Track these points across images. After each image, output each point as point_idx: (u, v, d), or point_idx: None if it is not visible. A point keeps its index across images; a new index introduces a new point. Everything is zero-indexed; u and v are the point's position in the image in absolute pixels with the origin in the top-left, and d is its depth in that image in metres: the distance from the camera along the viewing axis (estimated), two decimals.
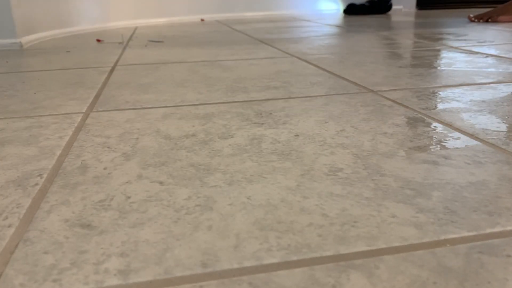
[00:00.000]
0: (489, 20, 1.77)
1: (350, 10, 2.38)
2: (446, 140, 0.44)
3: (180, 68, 0.88)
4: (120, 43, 1.35)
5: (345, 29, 1.60)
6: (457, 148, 0.42)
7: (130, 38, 1.48)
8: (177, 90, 0.69)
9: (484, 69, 0.78)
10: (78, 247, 0.27)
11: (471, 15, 1.84)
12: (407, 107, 0.56)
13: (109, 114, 0.56)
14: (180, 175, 0.37)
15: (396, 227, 0.29)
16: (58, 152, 0.43)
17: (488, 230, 0.28)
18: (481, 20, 1.79)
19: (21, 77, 0.83)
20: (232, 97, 0.63)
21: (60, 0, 1.63)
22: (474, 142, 0.43)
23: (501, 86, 0.66)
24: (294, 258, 0.26)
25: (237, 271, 0.25)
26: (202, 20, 2.21)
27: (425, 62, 0.87)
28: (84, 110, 0.58)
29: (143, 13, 2.12)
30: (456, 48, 1.05)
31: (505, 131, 0.46)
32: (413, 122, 0.50)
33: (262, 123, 0.51)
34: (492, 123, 0.49)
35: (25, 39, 1.31)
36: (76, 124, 0.52)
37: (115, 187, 0.35)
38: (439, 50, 1.02)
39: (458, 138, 0.44)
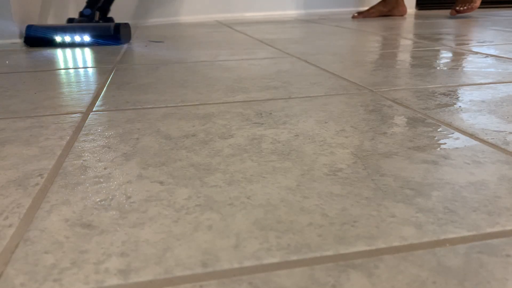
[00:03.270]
0: (467, 7, 1.90)
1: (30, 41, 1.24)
2: (445, 140, 0.44)
3: (180, 68, 0.88)
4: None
5: None
6: (457, 148, 0.42)
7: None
8: (177, 90, 0.69)
9: (483, 69, 0.78)
10: (79, 247, 0.27)
11: (453, 10, 1.95)
12: (406, 107, 0.56)
13: (110, 114, 0.56)
14: (180, 175, 0.37)
15: (395, 226, 0.29)
16: (59, 152, 0.43)
17: (488, 230, 0.28)
18: (461, 9, 1.92)
19: (21, 77, 0.83)
20: (232, 97, 0.63)
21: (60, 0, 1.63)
22: (473, 142, 0.43)
23: (500, 86, 0.66)
24: (294, 258, 0.26)
25: (237, 271, 0.25)
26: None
27: (424, 62, 0.87)
28: (84, 110, 0.58)
29: (143, 13, 2.12)
30: (456, 48, 1.05)
31: (504, 131, 0.46)
32: (413, 122, 0.50)
33: (262, 123, 0.51)
34: (491, 123, 0.49)
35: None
36: (76, 124, 0.52)
37: (116, 187, 0.36)
38: (438, 50, 1.02)
39: (457, 138, 0.44)
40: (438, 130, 0.47)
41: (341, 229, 0.29)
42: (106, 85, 0.74)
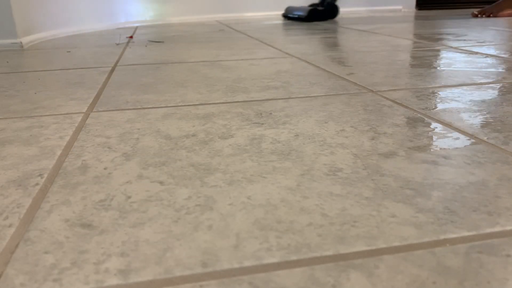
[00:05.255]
0: (491, 15, 1.91)
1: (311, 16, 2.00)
2: (445, 140, 0.44)
3: (180, 68, 0.88)
4: (117, 44, 1.35)
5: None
6: (457, 148, 0.42)
7: (131, 39, 1.47)
8: (177, 90, 0.69)
9: (483, 69, 0.78)
10: (79, 247, 0.27)
11: (475, 12, 1.97)
12: (406, 107, 0.56)
13: (110, 114, 0.56)
14: (180, 175, 0.37)
15: (395, 226, 0.29)
16: (59, 152, 0.43)
17: (488, 230, 0.28)
18: (483, 16, 1.93)
19: (21, 77, 0.83)
20: (232, 97, 0.63)
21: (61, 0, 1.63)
22: (473, 142, 0.43)
23: (500, 86, 0.66)
24: (294, 257, 0.26)
25: (237, 271, 0.25)
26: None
27: (424, 62, 0.87)
28: (84, 110, 0.58)
29: (143, 12, 2.12)
30: (456, 48, 1.05)
31: (504, 131, 0.46)
32: (413, 122, 0.50)
33: (262, 123, 0.51)
34: (491, 123, 0.49)
35: (26, 39, 1.31)
36: (76, 124, 0.52)
37: (116, 187, 0.36)
38: (438, 50, 1.02)
39: (457, 138, 0.44)
40: (438, 130, 0.47)
41: (341, 229, 0.29)
42: (107, 85, 0.74)
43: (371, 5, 2.62)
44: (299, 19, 2.03)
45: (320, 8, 2.02)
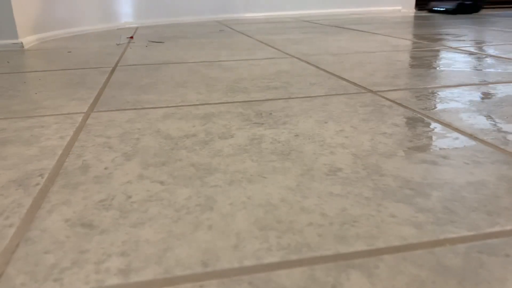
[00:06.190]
0: None
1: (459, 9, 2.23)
2: (445, 140, 0.44)
3: (181, 69, 0.88)
4: (118, 44, 1.35)
5: None
6: (456, 148, 0.42)
7: (131, 39, 1.47)
8: (178, 90, 0.69)
9: (483, 69, 0.78)
10: (79, 247, 0.27)
11: None
12: (406, 107, 0.56)
13: (110, 114, 0.56)
14: (180, 175, 0.37)
15: (395, 226, 0.29)
16: (59, 152, 0.43)
17: (487, 230, 0.28)
18: None
19: (22, 77, 0.83)
20: (232, 97, 0.63)
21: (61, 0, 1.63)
22: (473, 142, 0.43)
23: (500, 86, 0.66)
24: (294, 257, 0.26)
25: (237, 271, 0.25)
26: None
27: (424, 62, 0.87)
28: (85, 110, 0.58)
29: (143, 13, 2.12)
30: (455, 48, 1.05)
31: (504, 131, 0.46)
32: (412, 122, 0.50)
33: (262, 123, 0.51)
34: (491, 123, 0.49)
35: (26, 40, 1.31)
36: (77, 124, 0.52)
37: (116, 186, 0.36)
38: (438, 50, 1.02)
39: (457, 138, 0.44)
40: (438, 130, 0.47)
41: (341, 229, 0.29)
42: (107, 85, 0.74)
43: (370, 5, 2.62)
44: (445, 11, 2.20)
45: (468, 2, 2.18)
